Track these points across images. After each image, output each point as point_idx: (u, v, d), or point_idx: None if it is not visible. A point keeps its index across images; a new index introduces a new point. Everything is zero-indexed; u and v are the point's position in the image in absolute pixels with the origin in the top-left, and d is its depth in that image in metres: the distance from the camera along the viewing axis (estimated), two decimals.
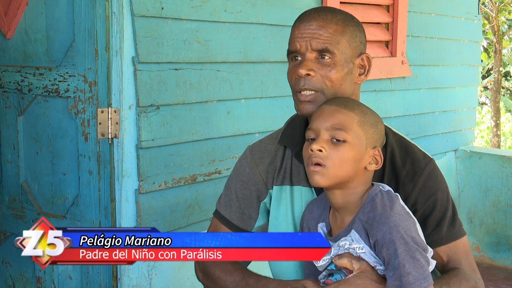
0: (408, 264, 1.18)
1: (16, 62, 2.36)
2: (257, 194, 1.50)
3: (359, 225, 1.24)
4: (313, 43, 1.35)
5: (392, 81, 3.37)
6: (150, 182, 2.20)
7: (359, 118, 1.26)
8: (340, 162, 1.23)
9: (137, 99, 2.14)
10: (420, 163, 1.40)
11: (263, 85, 2.59)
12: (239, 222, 1.51)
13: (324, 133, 1.25)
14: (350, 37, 1.38)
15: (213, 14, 2.37)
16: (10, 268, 2.52)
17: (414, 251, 1.19)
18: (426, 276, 1.19)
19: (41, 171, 2.35)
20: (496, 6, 7.76)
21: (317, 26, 1.35)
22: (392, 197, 1.25)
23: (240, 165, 1.53)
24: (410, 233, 1.20)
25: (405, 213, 1.24)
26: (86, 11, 2.11)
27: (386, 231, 1.19)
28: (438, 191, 1.39)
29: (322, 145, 1.24)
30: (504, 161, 3.90)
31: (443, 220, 1.37)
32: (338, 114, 1.26)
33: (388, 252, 1.19)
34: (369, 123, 1.28)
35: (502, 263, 3.93)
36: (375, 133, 1.29)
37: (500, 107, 8.21)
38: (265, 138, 1.54)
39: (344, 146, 1.24)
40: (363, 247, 1.24)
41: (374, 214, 1.22)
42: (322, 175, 1.24)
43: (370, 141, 1.27)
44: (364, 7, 3.20)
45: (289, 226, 1.48)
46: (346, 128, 1.24)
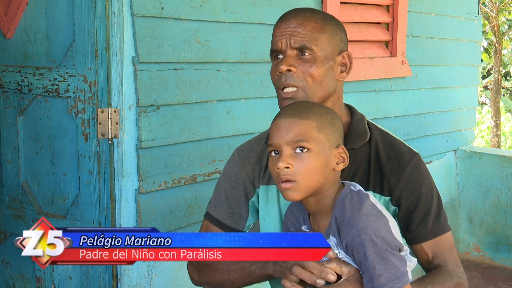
0: (379, 265, 1.17)
1: (16, 62, 2.36)
2: (245, 193, 1.51)
3: (335, 230, 1.23)
4: (292, 40, 1.37)
5: (392, 81, 3.37)
6: (150, 182, 2.20)
7: (316, 123, 1.23)
8: (309, 173, 1.21)
9: (137, 99, 2.14)
10: (404, 157, 1.41)
11: (263, 85, 2.59)
12: (230, 222, 1.52)
13: (286, 148, 1.22)
14: (329, 35, 1.39)
15: (213, 14, 2.37)
16: (10, 268, 2.52)
17: (384, 252, 1.18)
18: (399, 276, 1.18)
19: (41, 171, 2.35)
20: (496, 6, 7.76)
21: (296, 24, 1.38)
22: (361, 197, 1.24)
23: (228, 166, 1.54)
24: (380, 234, 1.19)
25: (376, 212, 1.22)
26: (86, 11, 2.11)
27: (354, 234, 1.18)
28: (422, 185, 1.40)
29: (287, 161, 1.21)
30: (504, 161, 3.90)
31: (428, 215, 1.38)
32: (295, 126, 1.23)
33: (358, 255, 1.19)
34: (327, 124, 1.25)
35: (502, 263, 3.93)
36: (335, 131, 1.26)
37: (500, 107, 8.22)
38: (252, 139, 1.56)
39: (309, 156, 1.21)
40: (340, 252, 1.24)
41: (343, 218, 1.21)
42: (294, 191, 1.22)
43: (332, 142, 1.25)
44: (364, 7, 3.20)
45: (276, 225, 1.49)
46: (306, 138, 1.22)
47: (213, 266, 1.47)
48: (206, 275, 1.50)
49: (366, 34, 3.20)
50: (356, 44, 3.15)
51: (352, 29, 3.09)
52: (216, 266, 1.46)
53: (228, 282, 1.45)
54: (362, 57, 3.14)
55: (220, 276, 1.46)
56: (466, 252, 4.07)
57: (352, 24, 3.13)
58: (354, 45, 3.11)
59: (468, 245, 4.07)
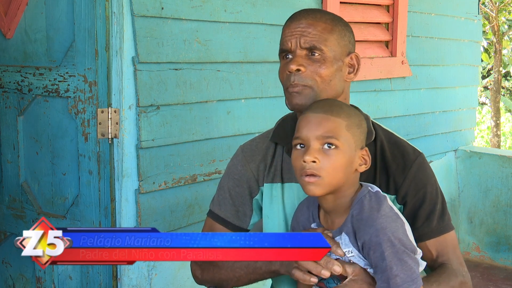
0: (396, 266, 1.18)
1: (16, 62, 2.36)
2: (249, 191, 1.52)
3: (349, 228, 1.24)
4: (302, 40, 1.38)
5: (392, 81, 3.37)
6: (150, 182, 2.20)
7: (346, 122, 1.25)
8: (334, 170, 1.22)
9: (137, 99, 2.14)
10: (410, 156, 1.43)
11: (263, 85, 2.59)
12: (234, 219, 1.53)
13: (315, 143, 1.23)
14: (338, 36, 1.41)
15: (213, 14, 2.37)
16: (10, 268, 2.52)
17: (402, 253, 1.19)
18: (414, 278, 1.19)
19: (41, 171, 2.35)
20: (496, 6, 7.77)
21: (306, 24, 1.39)
22: (380, 198, 1.25)
23: (232, 164, 1.55)
24: (397, 235, 1.20)
25: (393, 214, 1.24)
26: (86, 11, 2.11)
27: (372, 233, 1.19)
28: (428, 184, 1.41)
29: (315, 155, 1.22)
30: (504, 161, 3.90)
31: (433, 213, 1.40)
32: (326, 122, 1.24)
33: (375, 255, 1.19)
34: (355, 125, 1.27)
35: (502, 263, 3.93)
36: (361, 133, 1.29)
37: (500, 107, 8.22)
38: (256, 138, 1.57)
39: (336, 153, 1.23)
40: (352, 251, 1.24)
41: (361, 217, 1.22)
42: (317, 186, 1.23)
43: (358, 142, 1.27)
44: (364, 7, 3.20)
45: (280, 224, 1.49)
46: (336, 135, 1.23)
47: (218, 263, 1.47)
48: (211, 273, 1.50)
49: (366, 34, 3.20)
50: (356, 44, 3.13)
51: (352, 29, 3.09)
52: (222, 263, 1.47)
53: (233, 279, 1.46)
54: (362, 57, 3.13)
55: (225, 273, 1.46)
56: (466, 252, 4.07)
57: (352, 24, 3.12)
58: None
59: (468, 245, 4.07)
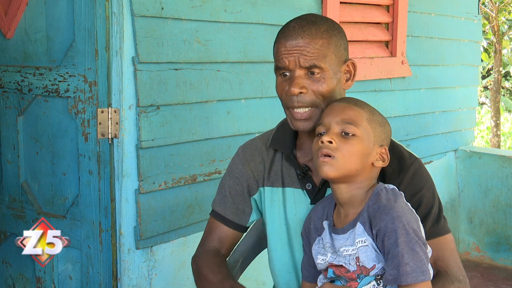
0: (407, 254, 1.20)
1: (16, 62, 2.36)
2: (248, 190, 1.55)
3: (365, 217, 1.27)
4: (301, 60, 1.38)
5: (392, 81, 3.38)
6: (150, 182, 2.21)
7: (368, 115, 1.33)
8: (349, 154, 1.28)
9: (137, 99, 2.14)
10: (405, 161, 1.44)
11: (263, 85, 2.59)
12: (234, 217, 1.56)
13: (335, 127, 1.30)
14: (335, 48, 1.41)
15: (213, 14, 2.38)
16: (10, 268, 2.52)
17: (414, 243, 1.21)
18: (424, 270, 1.21)
19: (41, 171, 2.35)
20: (496, 6, 7.77)
21: (304, 43, 1.38)
22: (396, 193, 1.29)
23: (233, 163, 1.58)
24: (412, 225, 1.23)
25: (409, 208, 1.28)
26: (86, 11, 2.12)
27: (389, 220, 1.22)
28: (423, 189, 1.42)
29: (332, 137, 1.29)
30: (504, 161, 3.90)
31: (428, 217, 1.40)
32: (349, 110, 1.32)
33: (389, 241, 1.21)
34: (377, 122, 1.34)
35: (502, 263, 3.93)
36: (383, 132, 1.34)
37: (500, 107, 8.22)
38: (256, 138, 1.60)
39: (354, 139, 1.29)
40: (366, 240, 1.25)
41: (378, 205, 1.25)
42: (331, 166, 1.28)
43: (377, 139, 1.32)
44: (364, 7, 3.20)
45: (282, 227, 1.52)
46: (356, 123, 1.30)
47: (202, 279, 1.49)
48: (198, 284, 1.53)
49: (366, 34, 3.20)
50: (356, 44, 3.15)
51: (352, 29, 3.09)
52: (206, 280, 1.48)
53: None
54: (362, 57, 3.14)
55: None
56: (466, 252, 4.07)
57: (352, 24, 3.13)
58: (354, 45, 3.11)
59: (468, 245, 4.07)
